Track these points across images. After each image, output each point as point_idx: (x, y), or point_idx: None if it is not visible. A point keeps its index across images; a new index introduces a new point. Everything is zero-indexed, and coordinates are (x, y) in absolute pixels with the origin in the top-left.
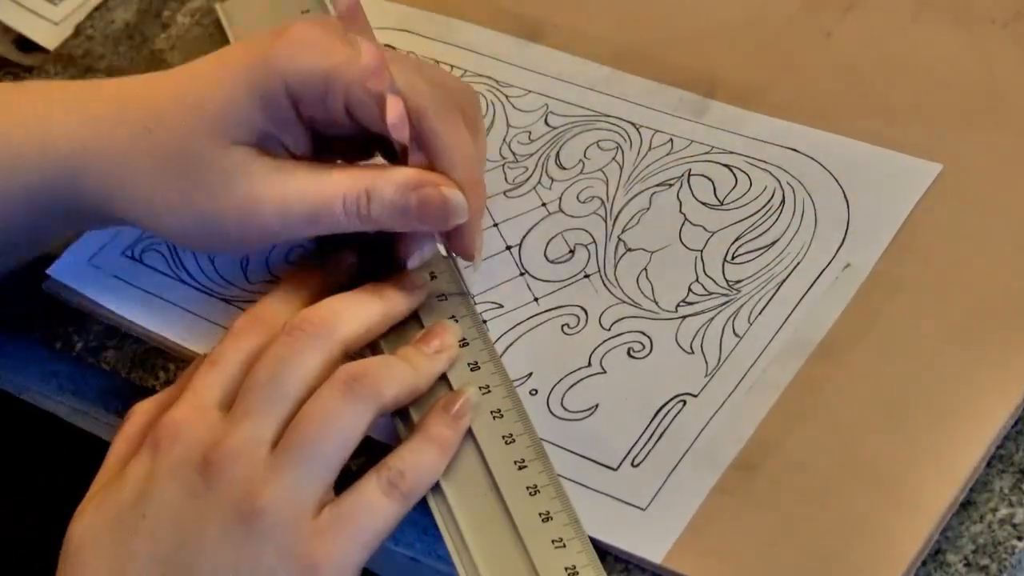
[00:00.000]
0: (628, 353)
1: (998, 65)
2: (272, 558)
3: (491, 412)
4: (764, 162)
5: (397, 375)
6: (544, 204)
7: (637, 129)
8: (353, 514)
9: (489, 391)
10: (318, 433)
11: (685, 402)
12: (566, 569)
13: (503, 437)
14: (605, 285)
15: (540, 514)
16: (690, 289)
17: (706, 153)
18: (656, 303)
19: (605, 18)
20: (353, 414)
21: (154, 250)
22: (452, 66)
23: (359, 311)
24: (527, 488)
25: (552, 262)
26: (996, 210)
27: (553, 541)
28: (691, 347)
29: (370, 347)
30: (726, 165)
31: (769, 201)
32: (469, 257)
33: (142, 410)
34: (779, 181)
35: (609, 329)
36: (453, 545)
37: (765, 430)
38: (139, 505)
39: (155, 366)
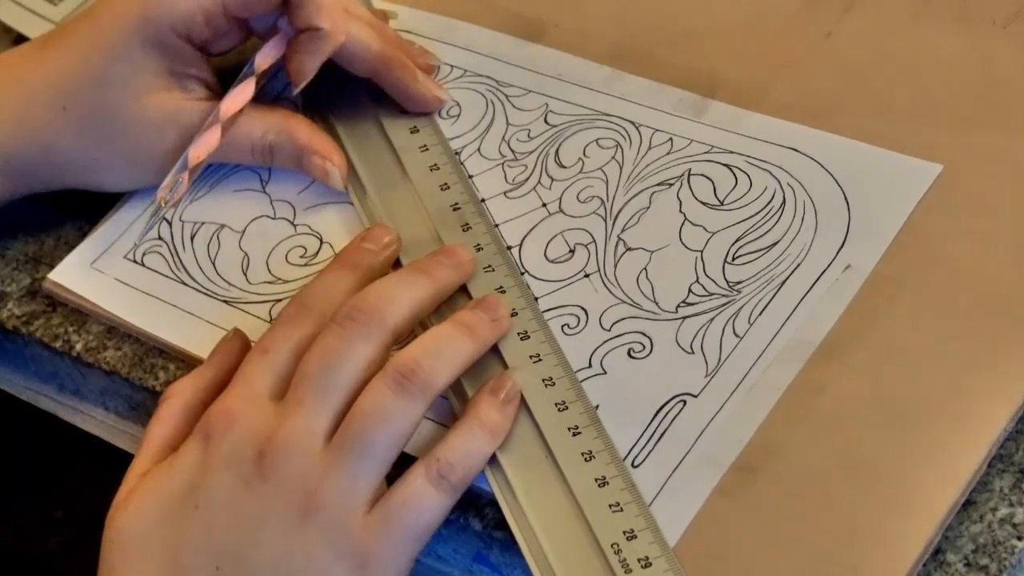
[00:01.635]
0: (628, 354)
1: (998, 65)
2: (327, 553)
3: (543, 380)
4: (764, 162)
5: (449, 358)
6: (544, 204)
7: (637, 128)
8: (404, 509)
9: (540, 360)
10: (372, 430)
11: (685, 402)
12: (624, 532)
13: (556, 404)
14: (605, 285)
15: (596, 479)
16: (690, 290)
17: (706, 153)
18: (656, 303)
19: (605, 18)
20: (405, 410)
21: (155, 252)
22: (452, 66)
23: (408, 294)
24: (582, 454)
25: (552, 262)
26: (996, 210)
27: (610, 505)
28: (691, 347)
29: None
30: (726, 165)
31: (770, 202)
32: (433, 103)
33: (178, 391)
34: (779, 182)
35: (609, 329)
36: (510, 512)
37: (766, 431)
38: (192, 495)
39: (155, 366)
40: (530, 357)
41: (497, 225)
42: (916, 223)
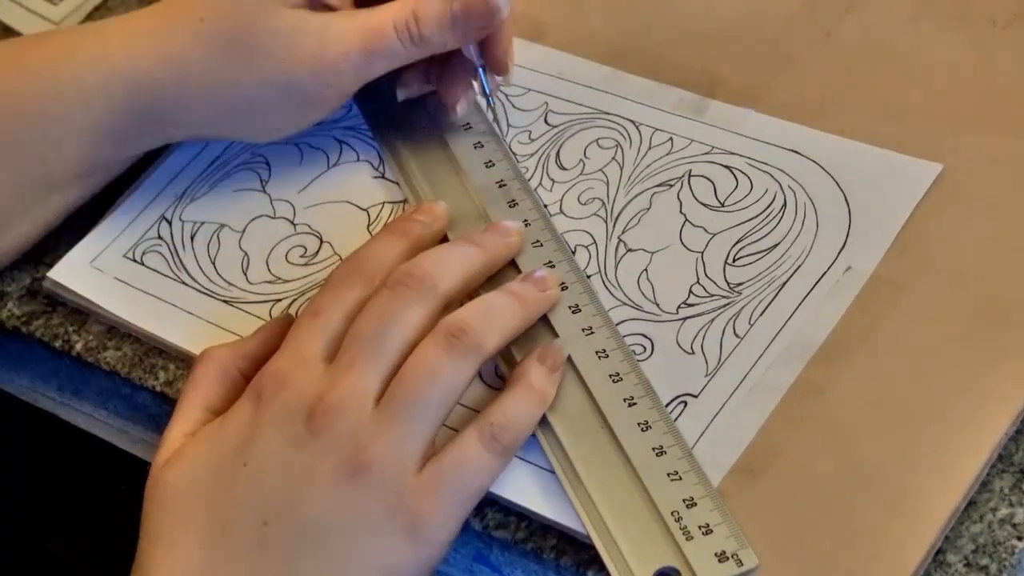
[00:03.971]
0: None
1: (998, 65)
2: (377, 512)
3: (596, 352)
4: (765, 164)
5: (499, 322)
6: (545, 206)
7: (637, 127)
8: (455, 470)
9: (592, 332)
10: (423, 389)
11: (686, 403)
12: (684, 500)
13: (610, 376)
14: (606, 286)
15: (653, 449)
16: (691, 291)
17: (706, 153)
18: (657, 304)
19: (605, 18)
20: (456, 369)
21: (155, 252)
22: None
23: (460, 263)
24: (638, 424)
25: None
26: (997, 210)
27: (668, 474)
28: (691, 347)
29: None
30: (726, 167)
31: (770, 204)
32: (504, 68)
33: (215, 355)
34: (780, 184)
35: None
36: (569, 484)
37: (766, 433)
38: (241, 453)
39: (155, 366)
40: (582, 330)
41: (547, 206)
42: (916, 224)
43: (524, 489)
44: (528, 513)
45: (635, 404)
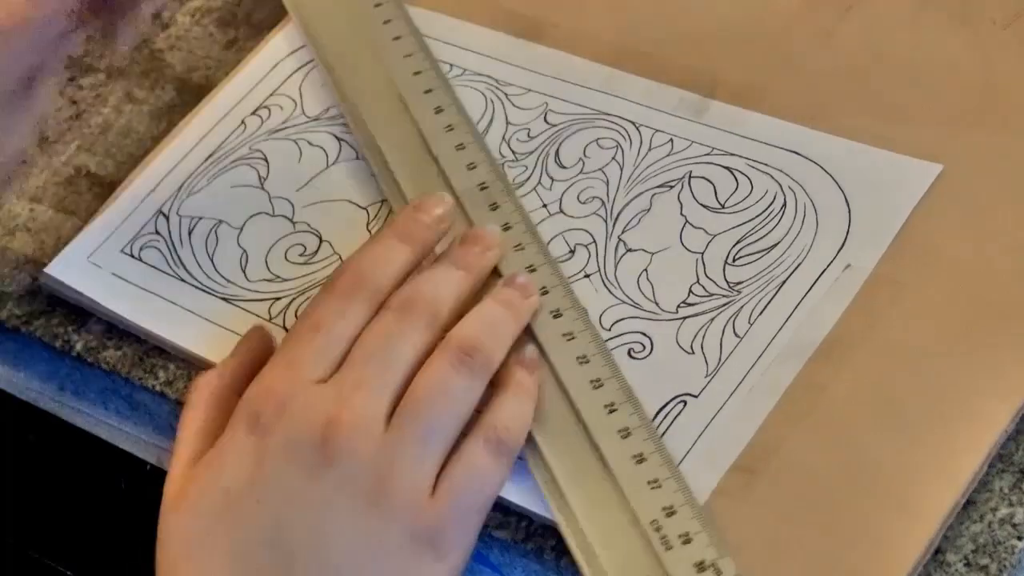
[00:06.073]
0: (628, 354)
1: (998, 65)
2: (399, 535)
3: (577, 358)
4: (765, 165)
5: (501, 335)
6: (545, 205)
7: (637, 128)
8: (468, 482)
9: (573, 338)
10: (436, 408)
11: (685, 403)
12: (664, 509)
13: (591, 382)
14: (605, 285)
15: (633, 456)
16: (691, 290)
17: (707, 154)
18: (656, 303)
19: (605, 18)
20: (467, 387)
21: (153, 247)
22: (452, 65)
23: (455, 291)
24: (619, 431)
25: None
26: (996, 210)
27: (649, 482)
28: (691, 347)
29: None
30: (727, 167)
31: (770, 205)
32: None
33: (204, 382)
34: (780, 185)
35: (609, 329)
36: (548, 492)
37: (766, 432)
38: (251, 489)
39: (155, 366)
40: (563, 335)
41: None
42: (916, 223)
43: (524, 489)
44: (528, 513)
45: (615, 410)
